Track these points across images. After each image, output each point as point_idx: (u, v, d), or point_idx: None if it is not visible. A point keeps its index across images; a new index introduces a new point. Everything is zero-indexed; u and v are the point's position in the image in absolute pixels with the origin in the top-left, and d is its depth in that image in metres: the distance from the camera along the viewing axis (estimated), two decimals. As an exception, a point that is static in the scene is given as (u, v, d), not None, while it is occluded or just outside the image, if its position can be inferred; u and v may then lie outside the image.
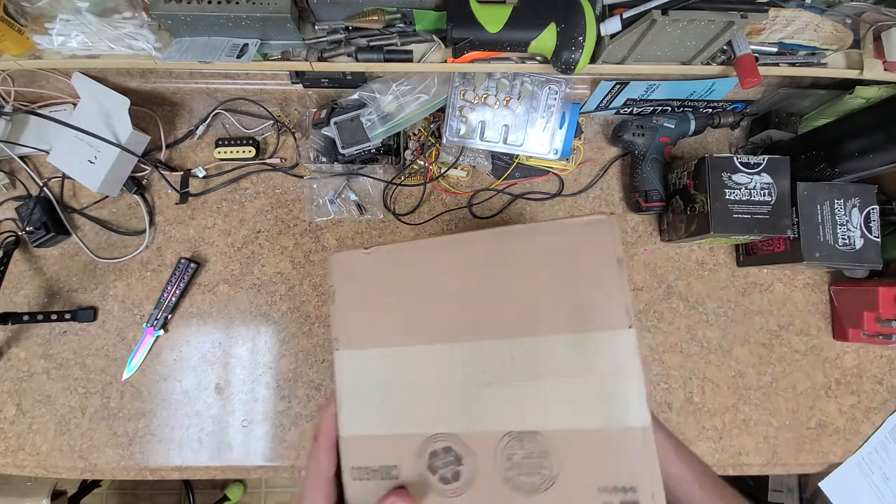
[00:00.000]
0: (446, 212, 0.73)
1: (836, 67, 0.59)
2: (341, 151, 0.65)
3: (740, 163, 0.62)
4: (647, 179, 0.69)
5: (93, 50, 0.56)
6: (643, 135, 0.69)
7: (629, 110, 0.72)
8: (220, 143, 0.70)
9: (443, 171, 0.71)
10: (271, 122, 0.71)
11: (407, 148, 0.71)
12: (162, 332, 0.67)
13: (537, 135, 0.67)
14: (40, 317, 0.64)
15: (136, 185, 0.69)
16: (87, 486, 1.29)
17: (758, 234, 0.61)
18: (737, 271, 0.73)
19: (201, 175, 0.71)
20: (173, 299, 0.67)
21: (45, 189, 0.68)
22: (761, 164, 0.62)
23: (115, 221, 0.70)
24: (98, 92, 0.64)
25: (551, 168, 0.74)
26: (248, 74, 0.66)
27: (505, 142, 0.67)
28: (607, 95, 0.67)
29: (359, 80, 0.65)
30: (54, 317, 0.65)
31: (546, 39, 0.52)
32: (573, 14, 0.52)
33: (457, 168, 0.71)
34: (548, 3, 0.52)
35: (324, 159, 0.68)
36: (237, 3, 0.51)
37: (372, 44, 0.57)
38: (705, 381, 0.70)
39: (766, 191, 0.61)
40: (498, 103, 0.66)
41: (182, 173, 0.70)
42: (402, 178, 0.72)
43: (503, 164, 0.73)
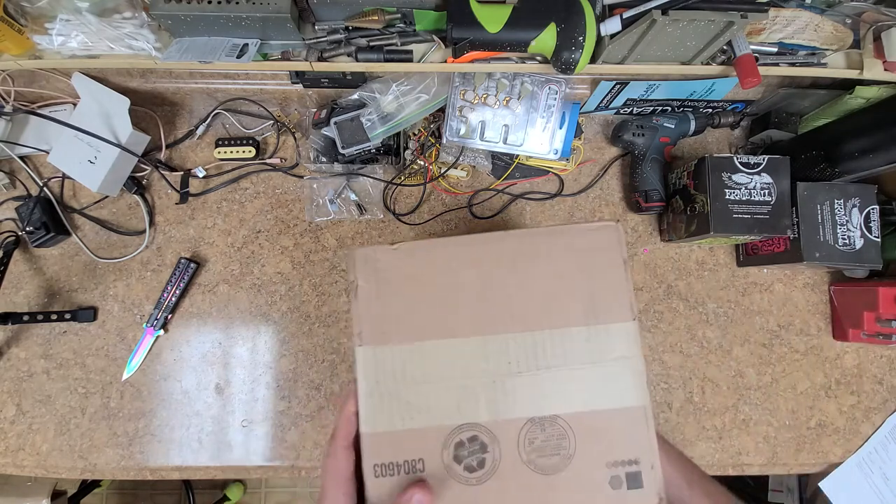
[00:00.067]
0: (446, 212, 0.73)
1: (836, 67, 0.59)
2: (341, 151, 0.65)
3: (740, 163, 0.62)
4: (647, 179, 0.69)
5: (93, 50, 0.56)
6: (643, 135, 0.69)
7: (629, 110, 0.72)
8: (220, 143, 0.70)
9: (443, 171, 0.71)
10: (271, 122, 0.71)
11: (407, 148, 0.71)
12: (162, 332, 0.67)
13: (537, 135, 0.67)
14: (40, 317, 0.64)
15: (136, 185, 0.69)
16: (87, 486, 1.29)
17: (758, 234, 0.61)
18: (737, 271, 0.73)
19: (201, 175, 0.71)
20: (173, 299, 0.67)
21: (45, 189, 0.68)
22: (761, 164, 0.62)
23: (115, 221, 0.70)
24: (98, 92, 0.64)
25: (551, 168, 0.74)
26: (248, 74, 0.66)
27: (505, 142, 0.67)
28: (607, 95, 0.67)
29: (359, 80, 0.65)
30: (54, 317, 0.65)
31: (546, 39, 0.52)
32: (573, 14, 0.52)
33: (457, 168, 0.71)
34: (548, 3, 0.52)
35: (324, 159, 0.68)
36: (237, 3, 0.51)
37: (372, 44, 0.57)
38: (705, 381, 0.70)
39: (766, 191, 0.61)
40: (498, 103, 0.66)
41: (182, 173, 0.70)
42: (402, 178, 0.72)
43: (503, 164, 0.73)
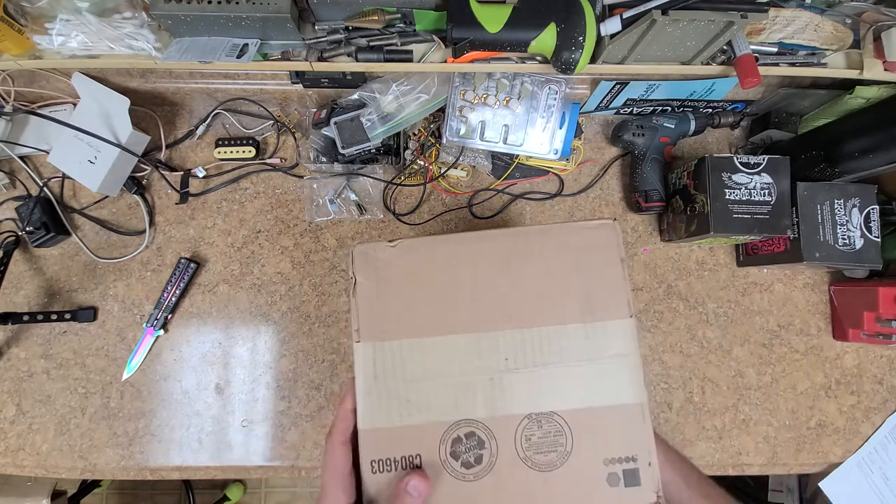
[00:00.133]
0: (446, 212, 0.73)
1: (836, 67, 0.59)
2: (341, 151, 0.65)
3: (740, 163, 0.62)
4: (647, 179, 0.69)
5: (93, 50, 0.56)
6: (643, 135, 0.69)
7: (629, 110, 0.72)
8: (220, 143, 0.70)
9: (443, 171, 0.71)
10: (271, 122, 0.71)
11: (407, 148, 0.71)
12: (162, 332, 0.67)
13: (537, 135, 0.67)
14: (40, 317, 0.64)
15: (136, 185, 0.69)
16: (87, 486, 1.29)
17: (758, 234, 0.61)
18: (737, 271, 0.73)
19: (201, 175, 0.71)
20: (173, 299, 0.67)
21: (45, 189, 0.68)
22: (761, 164, 0.62)
23: (115, 221, 0.70)
24: (98, 92, 0.64)
25: (551, 168, 0.74)
26: (248, 74, 0.66)
27: (505, 142, 0.67)
28: (607, 95, 0.67)
29: (359, 80, 0.65)
30: (54, 317, 0.65)
31: (546, 39, 0.52)
32: (573, 14, 0.52)
33: (457, 168, 0.71)
34: (548, 3, 0.52)
35: (324, 159, 0.68)
36: (237, 3, 0.51)
37: (372, 44, 0.57)
38: (705, 381, 0.70)
39: (766, 191, 0.61)
40: (498, 103, 0.66)
41: (182, 173, 0.70)
42: (402, 178, 0.72)
43: (503, 164, 0.73)
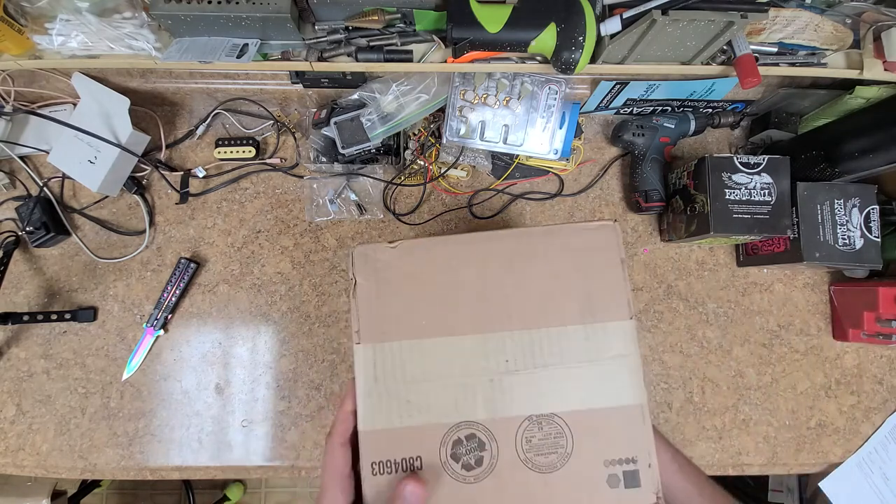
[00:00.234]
0: (446, 212, 0.73)
1: (836, 67, 0.59)
2: (341, 151, 0.65)
3: (740, 163, 0.62)
4: (647, 179, 0.69)
5: (93, 50, 0.56)
6: (643, 135, 0.69)
7: (629, 110, 0.72)
8: (220, 143, 0.70)
9: (443, 171, 0.71)
10: (271, 122, 0.71)
11: (407, 148, 0.71)
12: (162, 332, 0.67)
13: (537, 135, 0.67)
14: (40, 317, 0.64)
15: (136, 185, 0.69)
16: (87, 486, 1.29)
17: (758, 234, 0.61)
18: (737, 271, 0.73)
19: (201, 175, 0.71)
20: (173, 299, 0.67)
21: (45, 189, 0.68)
22: (761, 164, 0.62)
23: (115, 221, 0.70)
24: (98, 92, 0.64)
25: (551, 168, 0.74)
26: (248, 74, 0.66)
27: (505, 142, 0.67)
28: (607, 95, 0.67)
29: (359, 80, 0.65)
30: (54, 317, 0.65)
31: (546, 39, 0.52)
32: (573, 14, 0.52)
33: (457, 168, 0.71)
34: (548, 3, 0.52)
35: (324, 159, 0.68)
36: (237, 3, 0.51)
37: (372, 44, 0.57)
38: (705, 381, 0.70)
39: (766, 191, 0.61)
40: (498, 103, 0.66)
41: (182, 173, 0.70)
42: (402, 178, 0.72)
43: (503, 164, 0.73)
